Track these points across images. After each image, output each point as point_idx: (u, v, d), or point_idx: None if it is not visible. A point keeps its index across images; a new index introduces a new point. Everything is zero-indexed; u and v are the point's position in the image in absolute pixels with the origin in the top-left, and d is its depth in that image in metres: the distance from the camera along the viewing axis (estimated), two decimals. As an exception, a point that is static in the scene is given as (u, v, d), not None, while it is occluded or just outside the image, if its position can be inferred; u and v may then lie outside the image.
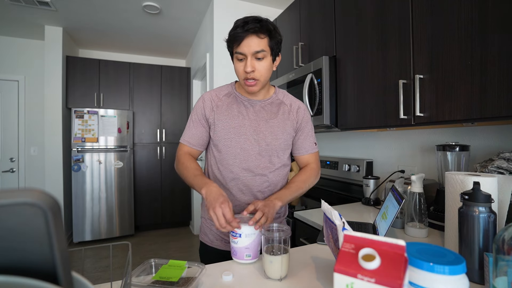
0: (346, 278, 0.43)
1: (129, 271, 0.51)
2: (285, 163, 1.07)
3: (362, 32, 1.40)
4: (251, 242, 0.80)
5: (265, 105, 1.04)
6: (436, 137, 1.40)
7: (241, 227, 0.80)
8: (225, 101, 1.03)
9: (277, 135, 1.02)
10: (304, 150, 1.09)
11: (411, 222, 1.06)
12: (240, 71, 0.94)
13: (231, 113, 1.01)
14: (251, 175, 1.01)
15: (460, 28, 0.95)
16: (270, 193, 1.05)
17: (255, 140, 1.00)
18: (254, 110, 1.02)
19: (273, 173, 1.04)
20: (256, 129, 1.00)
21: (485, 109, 0.88)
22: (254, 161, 1.00)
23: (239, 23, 0.90)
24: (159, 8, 2.87)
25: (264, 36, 0.90)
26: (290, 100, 1.08)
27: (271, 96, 1.06)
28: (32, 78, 3.72)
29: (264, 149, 1.00)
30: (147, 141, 3.96)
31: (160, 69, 4.04)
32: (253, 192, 1.02)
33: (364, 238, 0.45)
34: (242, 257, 0.80)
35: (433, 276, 0.46)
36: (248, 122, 1.00)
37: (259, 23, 0.89)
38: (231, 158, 1.00)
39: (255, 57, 0.91)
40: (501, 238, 0.54)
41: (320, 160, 2.16)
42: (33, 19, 3.15)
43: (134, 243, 3.53)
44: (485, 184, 0.76)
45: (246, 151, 0.99)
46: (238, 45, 0.90)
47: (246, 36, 0.88)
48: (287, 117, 1.05)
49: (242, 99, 1.03)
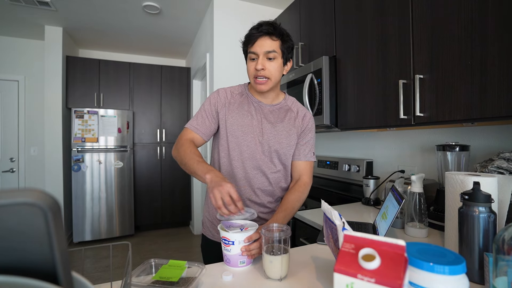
0: (346, 278, 0.43)
1: (129, 271, 0.51)
2: (286, 166, 1.09)
3: (362, 32, 1.40)
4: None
5: (274, 109, 1.08)
6: (436, 137, 1.40)
7: (232, 234, 0.77)
8: (237, 99, 1.08)
9: (280, 139, 1.05)
10: (302, 156, 1.09)
11: (411, 222, 1.06)
12: (251, 70, 0.99)
13: (241, 112, 1.05)
14: (253, 173, 1.04)
15: (460, 28, 0.95)
16: (270, 193, 1.07)
17: (259, 141, 1.04)
18: (262, 113, 1.06)
19: (274, 174, 1.07)
20: (262, 131, 1.04)
21: (485, 109, 0.88)
22: (258, 160, 1.03)
23: (255, 26, 0.97)
24: (159, 8, 2.87)
25: (277, 39, 0.96)
26: (297, 107, 1.12)
27: (280, 102, 1.10)
28: (32, 78, 3.72)
29: (266, 150, 1.04)
30: (147, 141, 3.96)
31: (160, 69, 4.04)
32: (253, 189, 1.05)
33: (364, 238, 0.45)
34: (236, 265, 0.79)
35: (433, 276, 0.46)
36: (256, 123, 1.05)
37: (272, 26, 0.96)
38: (237, 154, 1.03)
39: (266, 56, 0.96)
40: (501, 238, 0.54)
41: (320, 160, 2.16)
42: (33, 19, 3.15)
43: (134, 243, 3.53)
44: (485, 184, 0.76)
45: (251, 149, 1.03)
46: (252, 45, 0.96)
47: (260, 36, 0.95)
48: (293, 124, 1.08)
49: (253, 100, 1.07)
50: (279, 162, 1.07)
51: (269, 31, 0.95)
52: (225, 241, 0.79)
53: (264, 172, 1.05)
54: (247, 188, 1.05)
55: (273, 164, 1.06)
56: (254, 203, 1.06)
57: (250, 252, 0.78)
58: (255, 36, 0.95)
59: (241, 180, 1.04)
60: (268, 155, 1.04)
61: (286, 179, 1.11)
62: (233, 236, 0.77)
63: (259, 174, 1.05)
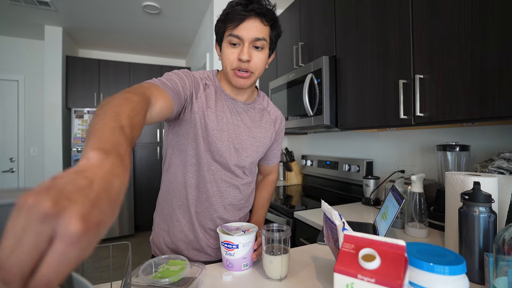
0: (346, 278, 0.43)
1: (129, 271, 0.51)
2: (254, 174, 0.99)
3: (363, 31, 1.40)
4: (248, 251, 0.76)
5: (248, 109, 0.90)
6: (436, 137, 1.40)
7: (237, 237, 0.74)
8: (211, 93, 0.84)
9: (258, 148, 0.91)
10: (276, 160, 1.07)
11: (411, 222, 1.06)
12: (232, 58, 0.77)
13: (216, 111, 0.83)
14: (225, 186, 0.87)
15: (460, 28, 0.95)
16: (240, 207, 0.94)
17: (234, 149, 0.86)
18: (237, 112, 0.87)
19: (246, 186, 0.94)
20: (238, 138, 0.86)
21: (485, 109, 0.88)
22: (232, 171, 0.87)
23: (241, 1, 0.74)
24: (159, 8, 2.87)
25: (267, 24, 0.77)
26: (271, 109, 0.98)
27: (254, 100, 0.93)
28: (32, 78, 3.72)
29: (243, 159, 0.88)
30: (147, 141, 3.96)
31: (160, 69, 4.04)
32: (225, 205, 0.89)
33: (364, 238, 0.45)
34: (239, 268, 0.76)
35: (433, 276, 0.46)
36: (232, 128, 0.85)
37: (265, 7, 0.76)
38: (206, 164, 0.84)
39: (253, 45, 0.76)
40: (501, 238, 0.54)
41: (320, 160, 2.16)
42: (33, 19, 3.15)
43: (134, 243, 3.52)
44: (485, 184, 0.76)
45: (225, 159, 0.85)
46: (235, 27, 0.74)
47: (248, 17, 0.73)
48: (269, 129, 0.94)
49: (225, 97, 0.86)
50: (250, 171, 0.93)
51: (262, 12, 0.74)
52: (228, 245, 0.75)
53: (236, 185, 0.89)
54: (219, 204, 0.87)
55: (246, 174, 0.92)
56: (223, 221, 0.90)
57: (260, 256, 0.77)
58: (242, 16, 0.73)
59: (214, 195, 0.86)
60: (242, 165, 0.88)
61: (254, 188, 1.01)
62: (238, 240, 0.75)
63: (231, 187, 0.88)
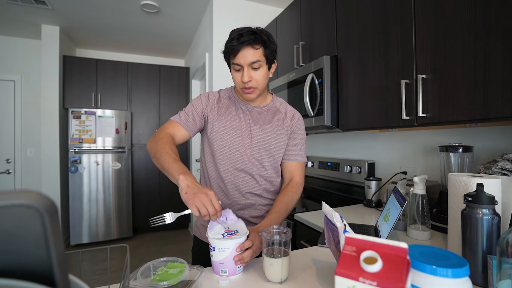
0: (347, 281, 0.42)
1: (127, 274, 0.50)
2: (276, 168, 1.09)
3: (364, 31, 1.40)
4: (225, 258, 0.74)
5: (262, 111, 1.08)
6: (438, 138, 1.40)
7: (213, 240, 0.75)
8: (225, 103, 1.08)
9: (269, 141, 1.05)
10: (293, 157, 1.09)
11: (414, 224, 1.06)
12: (238, 81, 0.98)
13: (229, 115, 1.05)
14: (242, 176, 1.03)
15: (463, 27, 0.94)
16: (259, 196, 1.06)
17: (248, 144, 1.04)
18: (250, 115, 1.06)
19: (264, 177, 1.06)
20: (251, 133, 1.04)
21: (489, 110, 0.87)
22: (246, 163, 1.03)
23: (234, 36, 0.92)
24: (157, 7, 2.86)
25: (259, 47, 0.93)
26: (286, 108, 1.12)
27: (268, 104, 1.10)
28: (29, 78, 3.70)
29: (256, 152, 1.04)
30: (146, 142, 3.94)
31: (158, 69, 4.03)
32: (242, 193, 1.04)
33: (366, 241, 0.45)
34: (218, 272, 0.75)
35: (436, 279, 0.46)
36: (245, 126, 1.05)
37: (253, 35, 0.92)
38: (225, 158, 1.03)
39: (251, 67, 0.94)
40: (505, 241, 0.54)
41: (321, 161, 2.15)
42: (30, 18, 3.13)
43: (132, 245, 3.50)
44: (489, 186, 0.75)
45: (240, 152, 1.02)
46: (234, 57, 0.94)
47: (242, 48, 0.92)
48: (282, 124, 1.08)
49: (240, 103, 1.08)
50: (269, 164, 1.06)
51: (251, 41, 0.91)
52: (209, 246, 0.77)
53: (253, 175, 1.04)
54: (235, 192, 1.04)
55: (263, 167, 1.05)
56: (244, 206, 1.04)
57: (243, 260, 0.75)
58: (237, 49, 0.92)
59: (229, 183, 1.03)
60: (257, 157, 1.04)
61: (276, 182, 1.10)
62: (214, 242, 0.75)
63: (248, 177, 1.04)
